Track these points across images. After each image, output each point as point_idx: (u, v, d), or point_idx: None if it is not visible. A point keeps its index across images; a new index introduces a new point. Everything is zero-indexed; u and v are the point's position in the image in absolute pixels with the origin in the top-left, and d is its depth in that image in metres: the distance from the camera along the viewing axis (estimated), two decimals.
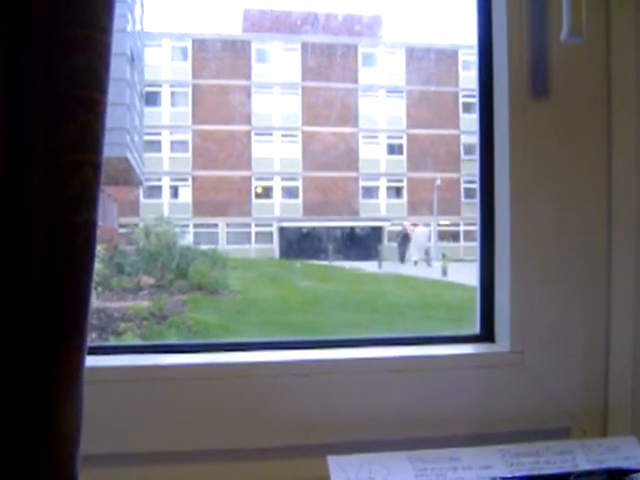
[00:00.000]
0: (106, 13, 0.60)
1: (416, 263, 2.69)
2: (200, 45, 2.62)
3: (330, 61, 2.71)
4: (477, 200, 1.08)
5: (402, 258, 2.75)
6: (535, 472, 0.92)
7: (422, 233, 2.64)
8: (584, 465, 0.94)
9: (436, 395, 1.01)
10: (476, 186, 1.08)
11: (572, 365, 1.03)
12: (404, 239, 2.78)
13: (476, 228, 1.09)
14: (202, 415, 0.95)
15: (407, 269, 2.74)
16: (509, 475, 0.91)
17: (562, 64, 1.02)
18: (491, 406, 1.01)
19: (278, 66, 2.70)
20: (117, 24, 0.64)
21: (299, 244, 2.76)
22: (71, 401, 0.61)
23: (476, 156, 1.08)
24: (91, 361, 0.68)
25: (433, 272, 2.71)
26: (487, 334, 1.07)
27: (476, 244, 1.08)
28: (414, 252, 2.68)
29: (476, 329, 1.09)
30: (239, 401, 0.96)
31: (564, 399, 1.03)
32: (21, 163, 0.59)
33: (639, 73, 1.03)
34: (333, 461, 0.90)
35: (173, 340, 2.27)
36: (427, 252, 2.67)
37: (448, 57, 2.70)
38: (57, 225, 0.60)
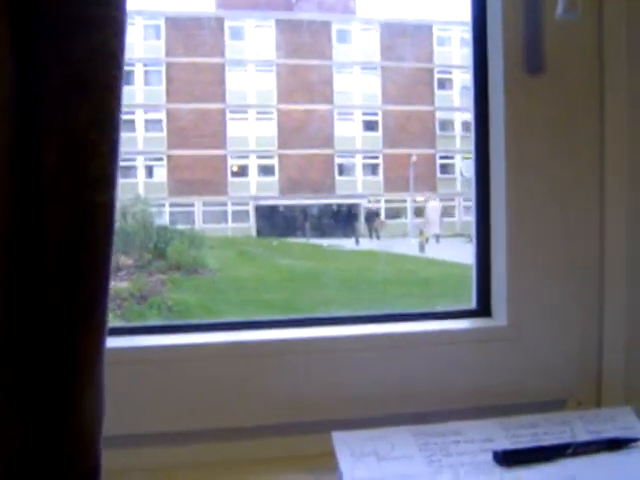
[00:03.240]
0: None
1: (427, 240, 2.69)
2: (173, 23, 2.59)
3: (304, 38, 2.69)
4: (473, 175, 1.09)
5: (374, 234, 2.76)
6: (535, 444, 0.94)
7: (434, 208, 2.63)
8: (582, 435, 0.96)
9: (434, 370, 1.02)
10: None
11: (568, 338, 1.05)
12: (371, 215, 2.78)
13: (472, 202, 1.10)
14: (204, 395, 0.96)
15: (384, 246, 2.75)
16: (510, 448, 0.93)
17: (556, 41, 1.03)
18: (489, 379, 1.03)
19: (252, 43, 2.68)
20: None
21: (276, 222, 2.75)
22: (93, 382, 0.61)
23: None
24: None
25: (411, 248, 2.71)
26: (484, 309, 1.08)
27: (472, 218, 1.10)
28: (428, 228, 2.67)
29: (472, 304, 1.10)
30: (241, 380, 0.96)
31: (560, 371, 1.05)
32: (37, 145, 0.59)
33: (630, 50, 1.04)
34: (338, 437, 0.91)
35: (172, 321, 2.26)
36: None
37: (423, 33, 2.70)
38: (76, 206, 0.59)
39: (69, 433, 0.61)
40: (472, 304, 1.10)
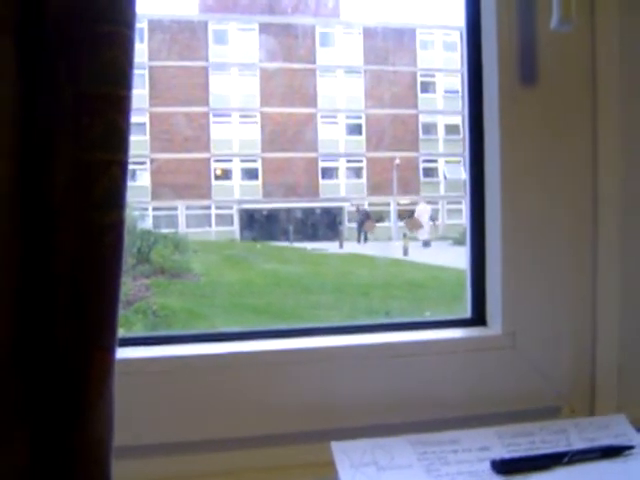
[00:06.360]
0: (130, 7, 0.60)
1: (428, 243, 2.69)
2: (156, 26, 2.57)
3: (288, 42, 2.69)
4: (467, 182, 1.10)
5: (363, 238, 2.76)
6: (531, 452, 0.95)
7: (425, 211, 2.63)
8: (577, 443, 0.97)
9: (430, 379, 1.03)
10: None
11: (562, 346, 1.06)
12: (362, 216, 2.78)
13: (465, 211, 1.11)
14: (203, 406, 0.96)
15: (368, 249, 2.76)
16: (508, 456, 0.93)
17: (549, 52, 1.04)
18: (485, 388, 1.04)
19: (236, 47, 2.67)
20: None
21: (260, 226, 2.75)
22: (104, 401, 0.61)
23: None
24: None
25: (395, 251, 2.72)
26: (479, 317, 1.09)
27: (466, 227, 1.10)
28: (418, 231, 2.67)
29: (467, 312, 1.11)
30: (242, 390, 0.96)
31: (555, 379, 1.05)
32: (46, 164, 0.58)
33: (623, 60, 1.05)
34: (337, 447, 0.92)
35: (177, 331, 2.25)
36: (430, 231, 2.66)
37: (406, 36, 2.70)
38: (85, 225, 0.59)
39: (78, 449, 0.61)
40: (467, 313, 1.11)
